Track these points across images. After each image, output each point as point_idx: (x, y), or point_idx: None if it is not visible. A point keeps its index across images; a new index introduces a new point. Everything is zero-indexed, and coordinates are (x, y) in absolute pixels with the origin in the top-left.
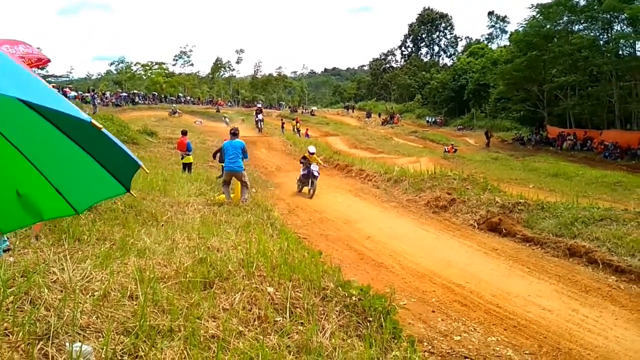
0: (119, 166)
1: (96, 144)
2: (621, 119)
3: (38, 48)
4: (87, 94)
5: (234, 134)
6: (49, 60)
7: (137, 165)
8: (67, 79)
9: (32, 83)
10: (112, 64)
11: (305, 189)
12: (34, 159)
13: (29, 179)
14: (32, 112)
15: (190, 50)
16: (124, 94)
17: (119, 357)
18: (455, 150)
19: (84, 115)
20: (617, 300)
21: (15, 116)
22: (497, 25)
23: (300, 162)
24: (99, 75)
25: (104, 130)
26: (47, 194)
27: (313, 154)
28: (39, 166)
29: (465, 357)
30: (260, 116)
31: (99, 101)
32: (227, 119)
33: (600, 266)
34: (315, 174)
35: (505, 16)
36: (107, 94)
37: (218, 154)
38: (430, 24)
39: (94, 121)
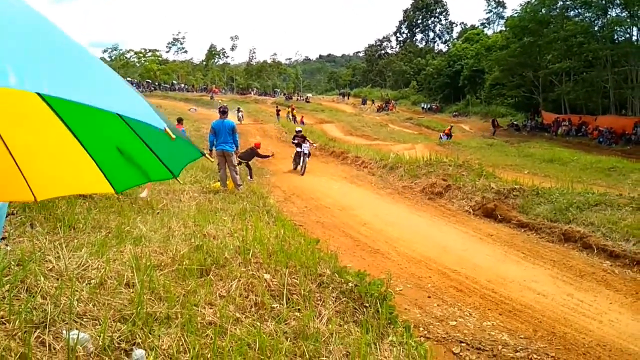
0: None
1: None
2: (616, 105)
3: None
4: None
5: (224, 112)
6: None
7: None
8: None
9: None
10: (105, 51)
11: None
12: (131, 124)
13: (126, 138)
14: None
15: (183, 38)
16: None
17: (116, 345)
18: (451, 134)
19: (159, 122)
20: (611, 285)
21: None
22: (495, 11)
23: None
24: None
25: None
26: (145, 155)
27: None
28: (131, 126)
29: (461, 342)
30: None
31: None
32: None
33: (595, 251)
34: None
35: (503, 1)
36: None
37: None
38: (425, 9)
39: (167, 129)
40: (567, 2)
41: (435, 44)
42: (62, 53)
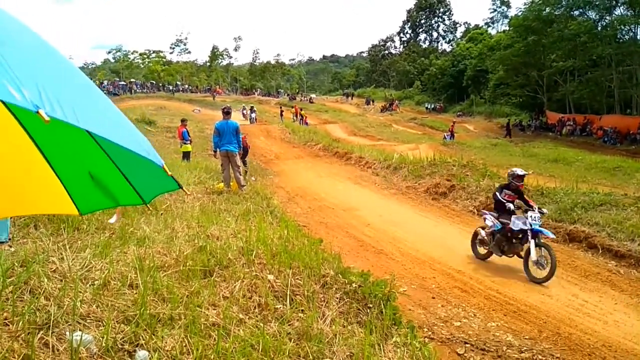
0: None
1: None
2: (621, 104)
3: None
4: None
5: (227, 112)
6: None
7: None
8: None
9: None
10: (109, 52)
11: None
12: (103, 145)
13: (99, 163)
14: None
15: (186, 38)
16: (122, 83)
17: (120, 346)
18: (454, 132)
19: (158, 159)
20: (616, 285)
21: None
22: (499, 10)
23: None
24: (92, 64)
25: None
26: (117, 180)
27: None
28: (108, 152)
29: (466, 343)
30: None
31: None
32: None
33: (600, 251)
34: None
35: (508, 0)
36: (105, 82)
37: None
38: (428, 9)
39: (165, 167)
40: (571, 1)
41: (439, 44)
42: (64, 78)
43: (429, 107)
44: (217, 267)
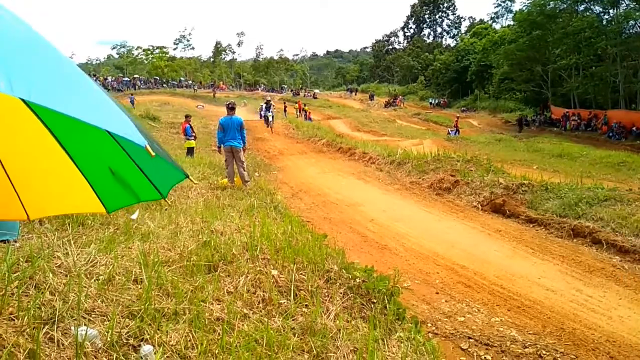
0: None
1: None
2: (625, 99)
3: None
4: None
5: (232, 108)
6: None
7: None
8: None
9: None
10: (114, 47)
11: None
12: (117, 139)
13: (118, 159)
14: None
15: (190, 34)
16: (126, 79)
17: (125, 340)
18: (458, 126)
19: (140, 139)
20: (621, 280)
21: None
22: (503, 5)
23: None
24: (97, 60)
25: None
26: (135, 175)
27: (270, 101)
28: (122, 145)
29: (469, 338)
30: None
31: (100, 86)
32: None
33: (604, 246)
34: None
35: None
36: (109, 78)
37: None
38: (432, 4)
39: (148, 147)
40: None
41: (443, 39)
42: (51, 66)
43: (432, 102)
44: (221, 262)
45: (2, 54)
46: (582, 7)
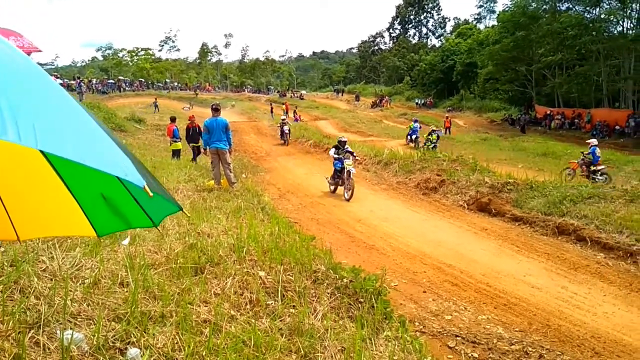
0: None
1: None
2: (609, 98)
3: (29, 43)
4: (72, 82)
5: (216, 109)
6: (39, 50)
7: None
8: (53, 67)
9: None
10: (99, 49)
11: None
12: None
13: (112, 187)
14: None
15: (175, 36)
16: (111, 81)
17: (111, 344)
18: (449, 126)
19: (138, 180)
20: (605, 277)
21: None
22: (486, 5)
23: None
24: (83, 62)
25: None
26: (127, 202)
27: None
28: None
29: (456, 336)
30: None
31: (85, 88)
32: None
33: (589, 243)
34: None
35: None
36: (94, 80)
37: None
38: (417, 5)
39: (146, 187)
40: None
41: (429, 39)
42: (53, 105)
43: (419, 102)
44: (208, 264)
45: (6, 94)
46: (564, 7)
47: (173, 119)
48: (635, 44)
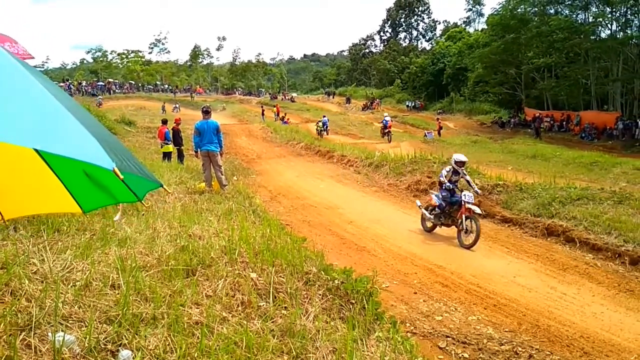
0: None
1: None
2: (597, 100)
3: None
4: (62, 84)
5: (207, 112)
6: (32, 57)
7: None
8: (43, 69)
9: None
10: (89, 52)
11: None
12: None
13: (92, 166)
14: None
15: (165, 38)
16: (100, 83)
17: (103, 346)
18: (440, 128)
19: (107, 162)
20: (594, 278)
21: None
22: (474, 9)
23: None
24: (73, 64)
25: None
26: (109, 178)
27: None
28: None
29: (447, 337)
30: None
31: (74, 91)
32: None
33: (578, 244)
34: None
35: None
36: (83, 83)
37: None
38: (408, 8)
39: (116, 170)
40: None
41: (419, 42)
42: (14, 96)
43: (409, 105)
44: (199, 266)
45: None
46: (552, 11)
47: (164, 122)
48: (623, 46)
